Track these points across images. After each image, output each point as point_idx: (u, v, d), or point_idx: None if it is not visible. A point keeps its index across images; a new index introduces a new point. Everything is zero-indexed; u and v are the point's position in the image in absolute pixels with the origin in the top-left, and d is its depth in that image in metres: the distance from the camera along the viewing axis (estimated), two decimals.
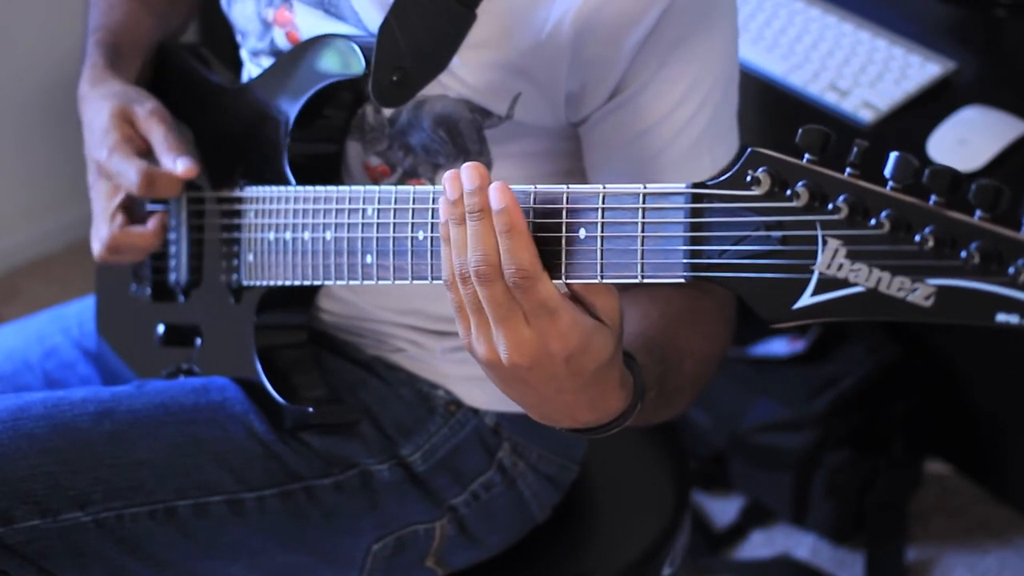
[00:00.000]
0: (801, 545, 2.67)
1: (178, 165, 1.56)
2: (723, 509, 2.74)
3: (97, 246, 1.62)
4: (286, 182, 1.53)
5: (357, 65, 1.48)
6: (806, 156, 1.07)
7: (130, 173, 1.56)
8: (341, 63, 1.50)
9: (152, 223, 1.62)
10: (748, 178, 1.09)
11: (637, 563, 1.80)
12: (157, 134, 1.59)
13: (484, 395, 1.68)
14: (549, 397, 1.24)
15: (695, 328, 1.45)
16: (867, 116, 2.14)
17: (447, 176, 1.23)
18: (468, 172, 1.21)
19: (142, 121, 1.60)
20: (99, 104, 1.62)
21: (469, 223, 1.21)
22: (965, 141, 2.07)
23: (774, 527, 2.70)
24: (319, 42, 1.53)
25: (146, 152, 1.60)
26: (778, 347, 2.64)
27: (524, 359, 1.20)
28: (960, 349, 2.66)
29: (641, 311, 1.45)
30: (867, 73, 2.21)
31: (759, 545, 2.69)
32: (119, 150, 1.58)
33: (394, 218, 1.36)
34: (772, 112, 2.25)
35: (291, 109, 1.55)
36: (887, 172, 1.02)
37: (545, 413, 1.27)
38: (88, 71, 1.69)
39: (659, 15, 1.41)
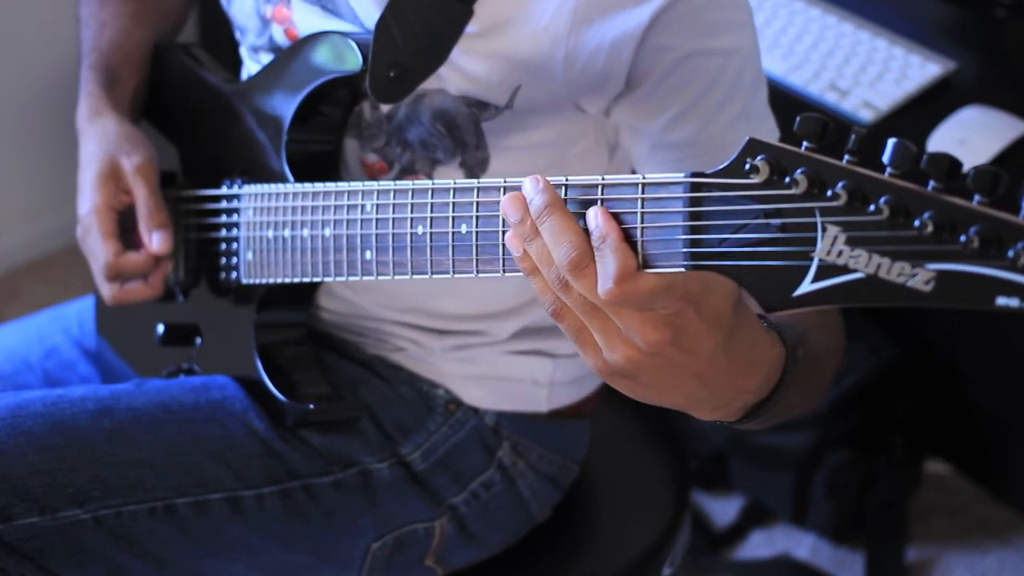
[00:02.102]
0: (801, 545, 2.67)
1: (154, 241, 1.60)
2: (723, 509, 2.74)
3: (103, 297, 1.65)
4: (284, 180, 1.53)
5: (354, 62, 1.48)
6: (804, 144, 1.07)
7: (100, 259, 1.61)
8: (338, 60, 1.50)
9: (153, 279, 1.64)
10: (747, 166, 1.08)
11: (637, 563, 1.80)
12: (139, 196, 1.61)
13: (484, 394, 1.68)
14: (705, 372, 1.17)
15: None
16: (867, 116, 2.14)
17: (506, 201, 1.18)
18: (530, 182, 1.17)
19: (128, 177, 1.62)
20: (92, 148, 1.65)
21: (543, 225, 1.16)
22: (965, 141, 2.07)
23: (774, 527, 2.70)
24: (316, 39, 1.53)
25: (128, 208, 1.63)
26: None
27: (662, 332, 1.13)
28: (960, 349, 2.67)
29: None
30: (867, 73, 2.21)
31: (759, 545, 2.69)
32: (98, 222, 1.61)
33: (393, 213, 1.36)
34: (772, 112, 2.25)
35: (288, 106, 1.55)
36: (885, 158, 1.02)
37: (713, 395, 1.20)
38: (85, 100, 1.70)
39: (661, 4, 1.41)
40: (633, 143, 1.51)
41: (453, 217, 1.29)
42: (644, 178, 1.16)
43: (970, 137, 2.08)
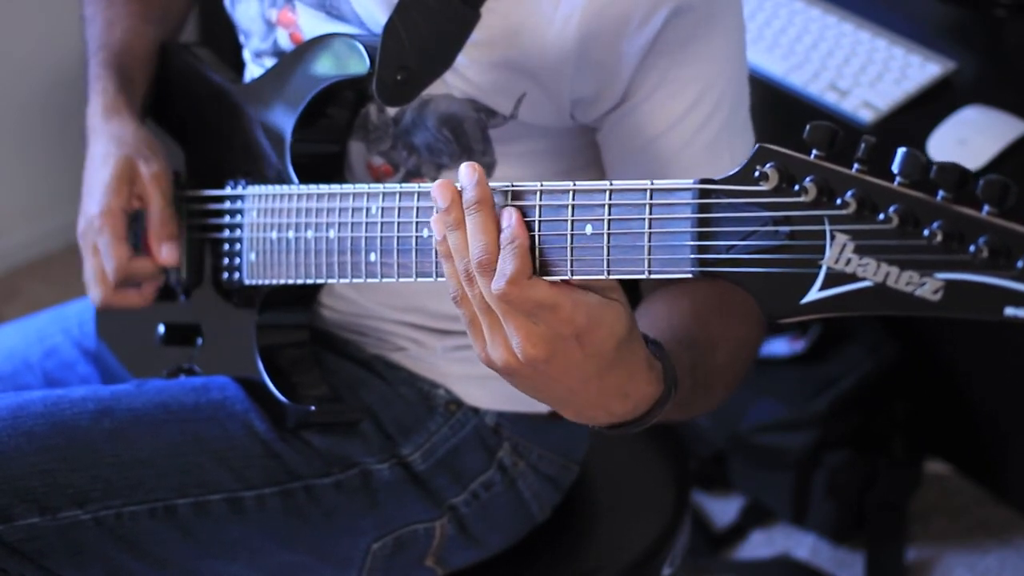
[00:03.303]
0: (801, 545, 2.67)
1: (162, 252, 1.62)
2: (723, 509, 2.74)
3: (94, 298, 1.66)
4: (289, 182, 1.53)
5: (361, 64, 1.48)
6: (814, 152, 1.07)
7: (111, 261, 1.61)
8: (345, 62, 1.50)
9: (147, 290, 1.65)
10: (756, 173, 1.09)
11: (637, 563, 1.80)
12: (155, 206, 1.62)
13: (485, 394, 1.68)
14: (576, 388, 1.23)
15: (726, 316, 1.45)
16: (867, 116, 2.14)
17: (436, 187, 1.23)
18: (465, 170, 1.23)
19: (145, 183, 1.62)
20: (107, 148, 1.64)
21: (468, 217, 1.22)
22: (965, 141, 2.07)
23: (774, 527, 2.70)
24: (323, 41, 1.53)
25: (137, 212, 1.63)
26: (778, 347, 2.64)
27: (539, 351, 1.19)
28: (960, 349, 2.66)
29: (670, 303, 1.45)
30: (867, 73, 2.21)
31: (759, 545, 2.69)
32: (110, 225, 1.61)
33: (398, 216, 1.36)
34: (772, 112, 2.25)
35: (295, 108, 1.54)
36: (895, 167, 1.02)
37: (579, 409, 1.26)
38: (100, 97, 1.69)
39: (665, 18, 1.41)
40: (610, 155, 1.52)
41: None
42: (653, 184, 1.17)
43: (970, 137, 2.08)
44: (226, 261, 1.61)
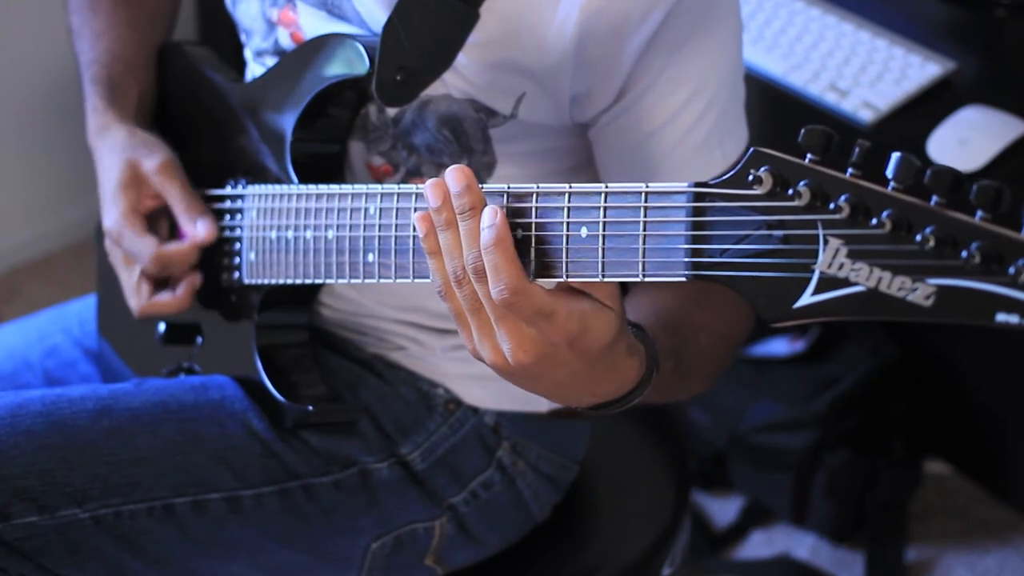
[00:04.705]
0: (801, 545, 2.67)
1: (199, 229, 1.59)
2: (723, 509, 2.74)
3: (134, 310, 1.64)
4: (289, 181, 1.53)
5: (361, 64, 1.48)
6: (808, 156, 1.07)
7: (143, 254, 1.59)
8: (345, 62, 1.50)
9: (181, 290, 1.62)
10: (750, 177, 1.09)
11: (637, 563, 1.80)
12: (172, 192, 1.60)
13: (484, 394, 1.68)
14: (562, 382, 1.24)
15: (709, 307, 1.46)
16: (867, 116, 2.14)
17: (429, 185, 1.23)
18: (454, 174, 1.22)
19: (153, 179, 1.61)
20: (108, 160, 1.64)
21: (461, 223, 1.21)
22: (965, 141, 2.07)
23: (774, 527, 2.70)
24: (323, 41, 1.53)
25: (157, 210, 1.62)
26: (778, 347, 2.64)
27: (529, 356, 1.20)
28: (960, 349, 2.66)
29: (654, 294, 1.46)
30: (867, 73, 2.21)
31: (759, 545, 2.69)
32: (129, 225, 1.59)
33: (396, 217, 1.36)
34: (772, 112, 2.25)
35: (295, 108, 1.55)
36: (889, 172, 1.02)
37: (564, 396, 1.27)
38: (91, 117, 1.70)
39: (663, 17, 1.42)
40: (602, 153, 1.52)
41: None
42: (647, 186, 1.17)
43: (970, 137, 2.08)
44: (226, 260, 1.62)
